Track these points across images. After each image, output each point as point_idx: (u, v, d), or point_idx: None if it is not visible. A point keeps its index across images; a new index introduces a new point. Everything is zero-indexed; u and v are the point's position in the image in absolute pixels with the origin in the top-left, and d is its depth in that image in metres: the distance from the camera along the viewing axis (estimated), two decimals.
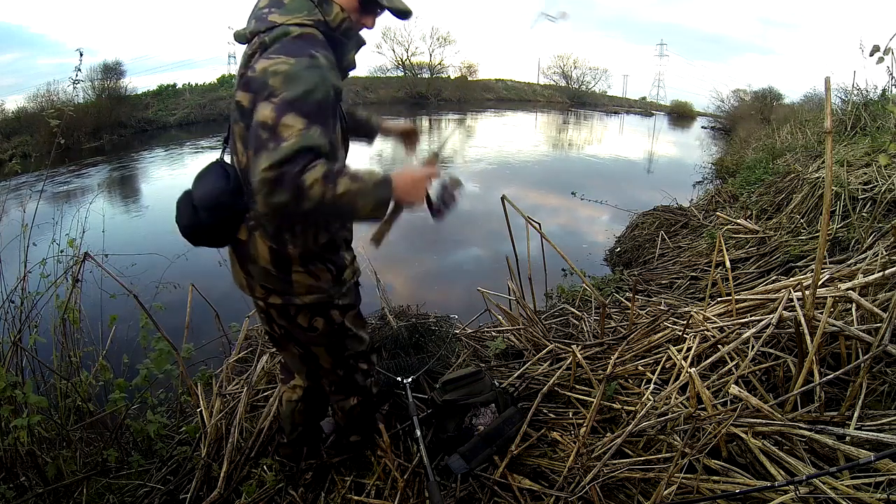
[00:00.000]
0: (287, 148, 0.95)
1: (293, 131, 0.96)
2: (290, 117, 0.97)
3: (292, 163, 0.95)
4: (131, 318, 2.02)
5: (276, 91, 0.99)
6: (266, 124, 0.98)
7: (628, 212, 5.51)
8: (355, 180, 1.01)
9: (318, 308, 1.27)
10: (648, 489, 1.33)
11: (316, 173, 0.96)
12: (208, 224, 1.16)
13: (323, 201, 0.97)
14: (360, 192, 1.02)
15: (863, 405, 1.35)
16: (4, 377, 1.51)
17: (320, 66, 1.04)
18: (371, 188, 1.04)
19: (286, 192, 0.95)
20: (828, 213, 1.40)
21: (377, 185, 1.05)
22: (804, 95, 12.14)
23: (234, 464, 1.61)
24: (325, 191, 0.97)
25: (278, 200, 0.96)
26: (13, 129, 12.58)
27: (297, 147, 0.95)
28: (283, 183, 0.95)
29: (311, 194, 0.96)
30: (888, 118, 4.79)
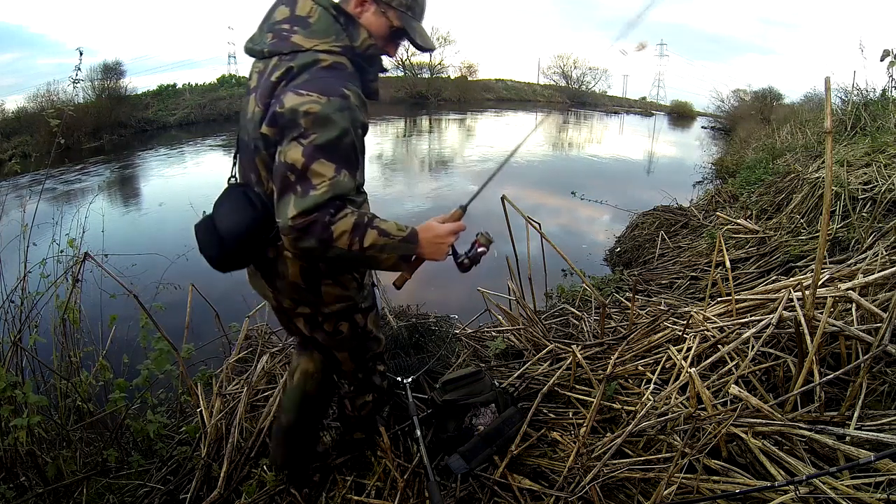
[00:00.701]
0: (317, 197, 0.95)
1: (324, 180, 0.96)
2: (320, 164, 0.96)
3: (321, 211, 0.96)
4: (131, 318, 2.02)
5: (306, 133, 0.97)
6: (295, 168, 0.96)
7: (628, 212, 5.51)
8: (382, 235, 1.03)
9: (344, 314, 1.29)
10: (648, 489, 1.33)
11: (345, 224, 0.98)
12: (240, 253, 1.15)
13: (349, 252, 1.00)
14: (386, 247, 1.04)
15: (863, 405, 1.35)
16: (4, 377, 1.51)
17: (352, 106, 1.01)
18: (396, 244, 1.06)
19: (314, 240, 0.97)
20: (828, 213, 1.40)
21: (403, 241, 1.07)
22: (804, 95, 12.14)
23: (234, 464, 1.61)
24: (352, 243, 0.99)
25: (305, 246, 0.98)
26: (13, 129, 12.57)
27: (328, 197, 0.96)
28: (312, 232, 0.96)
29: (338, 244, 0.98)
30: (888, 118, 4.79)
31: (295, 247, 0.98)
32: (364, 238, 1.00)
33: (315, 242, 0.97)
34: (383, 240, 1.03)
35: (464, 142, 14.56)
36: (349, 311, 1.30)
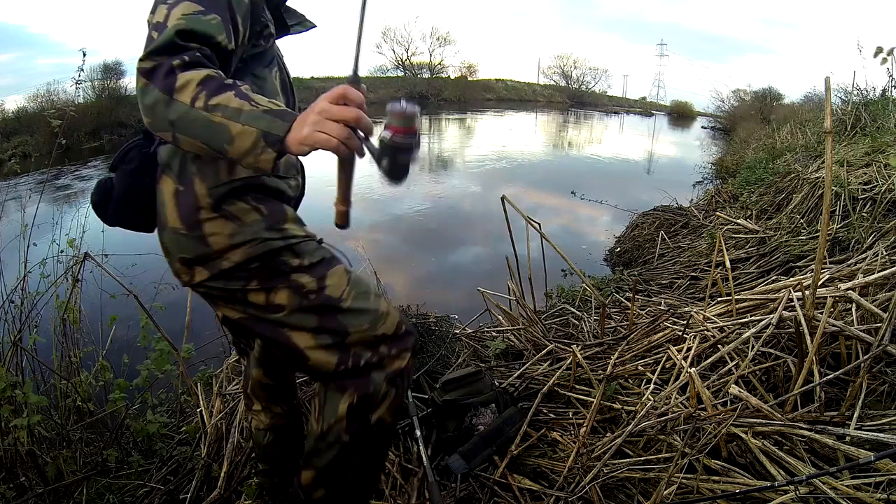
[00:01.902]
0: (169, 31, 0.77)
1: (178, 17, 0.79)
2: (181, 6, 0.80)
3: (170, 51, 0.76)
4: (131, 318, 2.02)
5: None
6: (158, 24, 0.80)
7: (628, 212, 5.51)
8: (241, 97, 0.74)
9: (270, 271, 0.93)
10: (648, 489, 1.33)
11: (195, 74, 0.75)
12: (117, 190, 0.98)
13: (191, 110, 0.73)
14: (243, 114, 0.73)
15: (863, 405, 1.35)
16: (4, 377, 1.51)
17: None
18: (258, 113, 0.73)
19: (156, 89, 0.74)
20: (828, 213, 1.40)
21: (269, 112, 0.74)
22: (804, 95, 12.17)
23: (234, 464, 1.60)
24: (196, 96, 0.73)
25: (148, 101, 0.76)
26: (13, 129, 12.58)
27: (180, 28, 0.77)
28: (156, 76, 0.75)
29: (179, 98, 0.74)
30: (888, 118, 4.79)
31: (142, 107, 0.77)
32: (214, 94, 0.73)
33: (156, 93, 0.74)
34: (239, 102, 0.73)
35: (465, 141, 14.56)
36: (276, 267, 0.94)
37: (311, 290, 0.94)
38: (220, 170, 0.92)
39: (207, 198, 0.92)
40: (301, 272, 0.95)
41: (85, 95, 13.68)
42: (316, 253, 0.98)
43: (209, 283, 0.95)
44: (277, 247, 0.94)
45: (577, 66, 32.87)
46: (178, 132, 0.77)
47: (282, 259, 0.94)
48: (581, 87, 33.04)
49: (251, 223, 0.93)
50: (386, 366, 0.97)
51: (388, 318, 0.98)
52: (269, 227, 0.94)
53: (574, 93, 32.12)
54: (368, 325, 0.96)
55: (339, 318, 0.95)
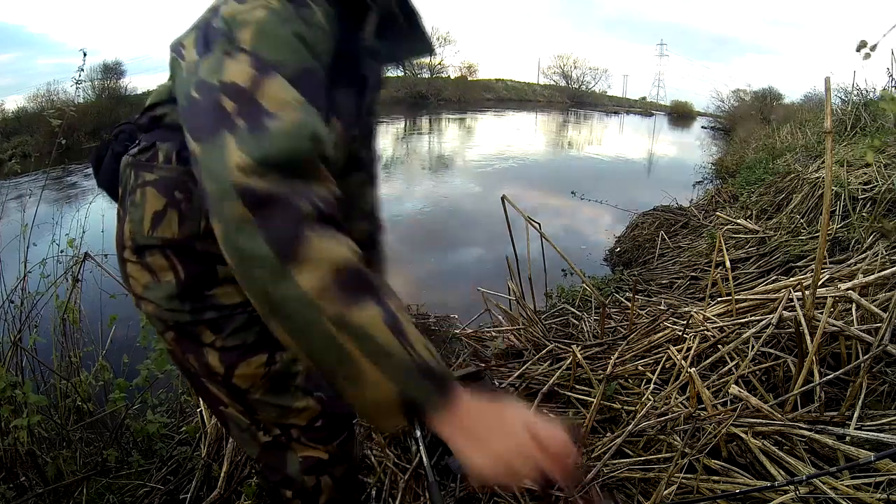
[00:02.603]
0: (290, 130, 0.54)
1: (287, 106, 0.56)
2: (275, 82, 0.57)
3: (289, 171, 0.53)
4: (131, 318, 2.01)
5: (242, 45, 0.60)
6: (234, 87, 0.57)
7: (628, 212, 5.51)
8: (394, 330, 0.51)
9: (182, 334, 0.81)
10: (648, 489, 1.33)
11: (331, 250, 0.51)
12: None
13: (310, 307, 0.50)
14: (389, 359, 0.51)
15: (863, 405, 1.35)
16: (4, 377, 1.51)
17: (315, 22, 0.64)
18: (411, 367, 0.52)
19: (262, 240, 0.50)
20: (828, 213, 1.40)
21: (425, 374, 0.52)
22: (804, 95, 12.18)
23: (234, 464, 1.60)
24: (324, 291, 0.50)
25: (244, 245, 0.51)
26: (13, 129, 12.59)
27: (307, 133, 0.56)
28: (269, 215, 0.51)
29: (300, 274, 0.50)
30: (888, 118, 4.79)
31: (227, 239, 0.52)
32: (353, 302, 0.50)
33: (264, 245, 0.50)
34: (388, 338, 0.51)
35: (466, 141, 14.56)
36: (184, 331, 0.80)
37: (217, 373, 0.81)
38: (144, 219, 0.77)
39: (129, 240, 0.79)
40: (212, 350, 0.80)
41: (85, 95, 13.70)
42: (238, 333, 0.80)
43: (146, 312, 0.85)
44: (184, 321, 0.79)
45: (577, 66, 32.91)
46: (276, 315, 0.52)
47: (194, 330, 0.80)
48: (581, 87, 33.05)
49: (164, 284, 0.78)
50: (296, 449, 0.88)
51: (303, 413, 0.86)
52: (183, 295, 0.78)
53: (574, 93, 32.13)
54: (276, 416, 0.86)
55: (247, 398, 0.84)
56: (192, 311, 0.79)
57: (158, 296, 0.79)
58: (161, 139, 0.79)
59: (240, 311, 0.81)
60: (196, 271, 0.78)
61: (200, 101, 0.59)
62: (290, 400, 0.85)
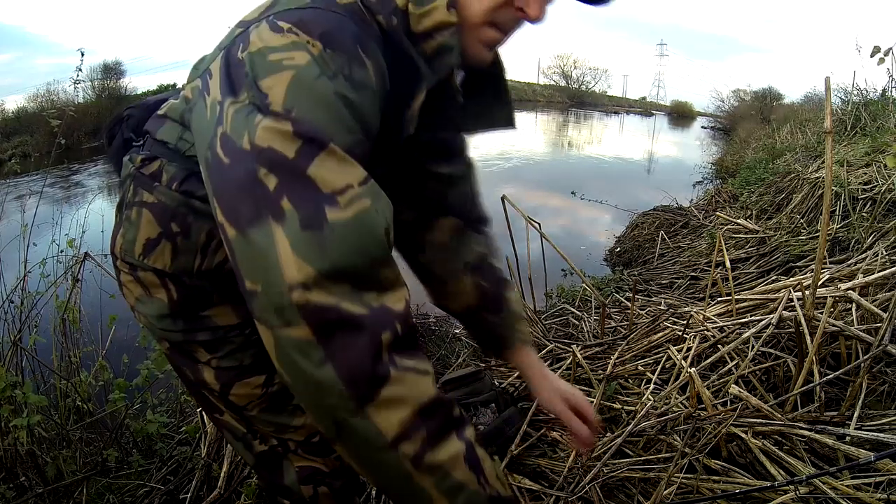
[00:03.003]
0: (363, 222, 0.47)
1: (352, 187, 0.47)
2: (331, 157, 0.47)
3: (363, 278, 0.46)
4: (131, 318, 2.00)
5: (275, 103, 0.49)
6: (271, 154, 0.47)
7: (628, 212, 5.51)
8: (471, 466, 0.49)
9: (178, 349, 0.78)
10: (648, 489, 1.33)
11: (413, 385, 0.46)
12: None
13: (387, 449, 0.46)
14: (462, 494, 0.49)
15: (863, 405, 1.35)
16: (4, 377, 1.51)
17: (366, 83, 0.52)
18: (483, 500, 0.50)
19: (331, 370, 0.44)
20: (828, 213, 1.40)
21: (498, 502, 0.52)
22: (804, 95, 12.18)
23: (234, 464, 1.60)
24: (404, 438, 0.46)
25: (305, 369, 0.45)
26: (13, 129, 12.59)
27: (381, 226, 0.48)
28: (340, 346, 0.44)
29: (377, 417, 0.45)
30: (888, 118, 4.79)
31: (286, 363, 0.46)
32: (438, 446, 0.47)
33: (334, 376, 0.44)
34: (468, 476, 0.49)
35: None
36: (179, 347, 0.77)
37: (214, 390, 0.78)
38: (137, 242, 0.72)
39: (121, 255, 0.75)
40: (208, 367, 0.77)
41: (85, 95, 13.72)
42: (235, 355, 0.76)
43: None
44: (177, 340, 0.76)
45: (577, 66, 32.93)
46: (345, 444, 0.48)
47: (188, 348, 0.77)
48: (581, 87, 33.06)
49: (156, 301, 0.74)
50: (293, 459, 0.85)
51: (300, 430, 0.84)
52: (175, 314, 0.74)
53: (574, 93, 32.13)
54: (273, 430, 0.83)
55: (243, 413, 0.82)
56: (185, 331, 0.75)
57: (149, 311, 0.75)
58: (168, 158, 0.72)
59: (236, 332, 0.76)
60: (190, 294, 0.74)
61: (231, 169, 0.48)
62: (288, 418, 0.82)
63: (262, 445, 0.85)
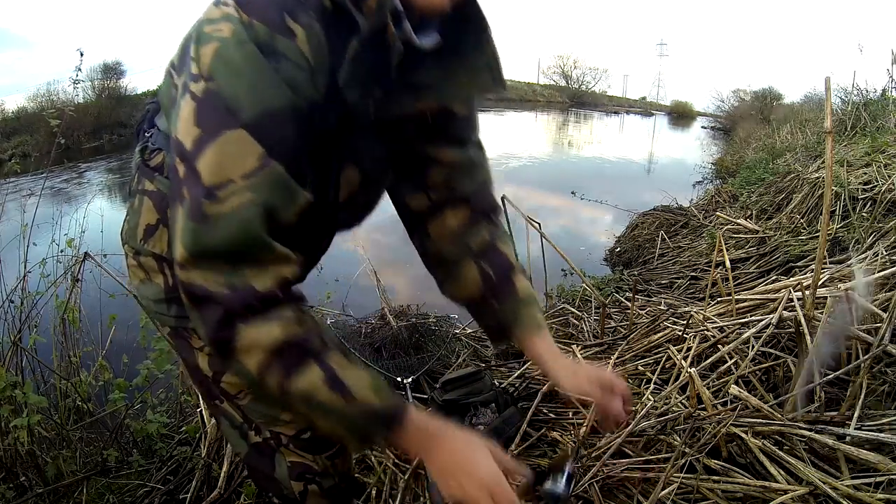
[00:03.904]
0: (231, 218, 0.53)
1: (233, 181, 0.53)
2: (225, 141, 0.53)
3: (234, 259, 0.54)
4: (131, 318, 2.02)
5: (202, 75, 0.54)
6: (182, 145, 0.54)
7: (628, 212, 5.51)
8: (335, 387, 0.57)
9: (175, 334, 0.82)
10: (648, 489, 1.33)
11: (264, 333, 0.54)
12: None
13: (258, 385, 0.57)
14: (332, 412, 0.58)
15: (863, 405, 1.35)
16: (4, 377, 1.51)
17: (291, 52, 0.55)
18: (352, 415, 0.59)
19: (205, 334, 0.57)
20: (828, 213, 1.40)
21: (368, 418, 0.60)
22: (804, 95, 12.16)
23: (234, 464, 1.60)
24: (264, 371, 0.56)
25: (199, 333, 0.62)
26: (13, 128, 12.58)
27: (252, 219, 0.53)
28: (203, 315, 0.55)
29: (242, 362, 0.56)
30: (888, 118, 4.79)
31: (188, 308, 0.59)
32: (294, 375, 0.56)
33: (206, 338, 0.58)
34: (330, 395, 0.57)
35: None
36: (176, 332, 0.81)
37: (206, 377, 0.82)
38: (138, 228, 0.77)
39: (127, 240, 0.81)
40: (201, 353, 0.80)
41: (85, 95, 13.70)
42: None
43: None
44: (171, 325, 0.81)
45: (577, 66, 32.90)
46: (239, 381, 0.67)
47: (184, 332, 0.80)
48: (581, 87, 33.04)
49: (154, 285, 0.78)
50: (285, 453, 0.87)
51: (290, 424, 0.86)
52: (170, 299, 0.77)
53: (574, 93, 32.11)
54: (264, 422, 0.85)
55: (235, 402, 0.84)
56: (178, 317, 0.79)
57: (148, 294, 0.80)
58: (167, 148, 0.74)
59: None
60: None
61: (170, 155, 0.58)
62: (277, 410, 0.84)
63: (257, 436, 0.87)
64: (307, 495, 0.89)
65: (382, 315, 2.52)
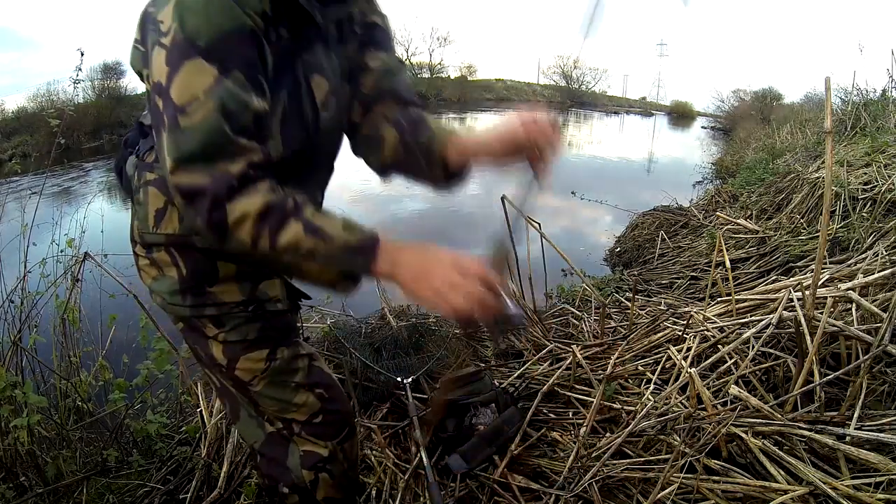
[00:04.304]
0: (195, 129, 0.63)
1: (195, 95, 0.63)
2: (191, 68, 0.64)
3: (210, 156, 0.64)
4: (131, 318, 2.02)
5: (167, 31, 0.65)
6: (160, 84, 0.65)
7: (628, 212, 5.51)
8: (312, 233, 0.67)
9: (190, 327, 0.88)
10: (648, 489, 1.33)
11: (249, 205, 0.64)
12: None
13: (255, 249, 0.67)
14: (318, 254, 0.68)
15: (863, 405, 1.34)
16: (4, 377, 1.51)
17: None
18: (336, 252, 0.68)
19: (201, 222, 0.66)
20: (828, 213, 1.40)
21: (349, 251, 0.68)
22: (804, 95, 12.16)
23: (234, 464, 1.60)
24: (257, 236, 0.66)
25: (195, 226, 0.68)
26: (13, 128, 12.58)
27: (214, 121, 0.63)
28: (197, 207, 0.65)
29: (238, 235, 0.66)
30: (888, 118, 4.79)
31: (191, 223, 0.70)
32: (280, 232, 0.66)
33: (203, 225, 0.66)
34: (312, 241, 0.67)
35: None
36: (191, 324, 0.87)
37: (221, 365, 0.88)
38: (148, 216, 0.83)
39: (139, 237, 0.85)
40: (216, 342, 0.87)
41: (85, 95, 13.70)
42: (240, 328, 0.86)
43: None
44: (186, 315, 0.86)
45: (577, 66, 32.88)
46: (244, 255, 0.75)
47: (199, 323, 0.86)
48: (581, 87, 33.04)
49: (168, 278, 0.84)
50: (298, 443, 0.93)
51: (302, 408, 0.92)
52: (185, 290, 0.84)
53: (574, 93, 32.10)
54: (277, 409, 0.92)
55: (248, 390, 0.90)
56: (193, 307, 0.85)
57: (163, 289, 0.85)
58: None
59: (240, 308, 0.86)
60: (197, 268, 0.84)
61: (149, 103, 0.69)
62: (291, 395, 0.91)
63: (271, 427, 0.94)
64: (318, 483, 0.94)
65: (382, 315, 2.51)
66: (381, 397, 1.85)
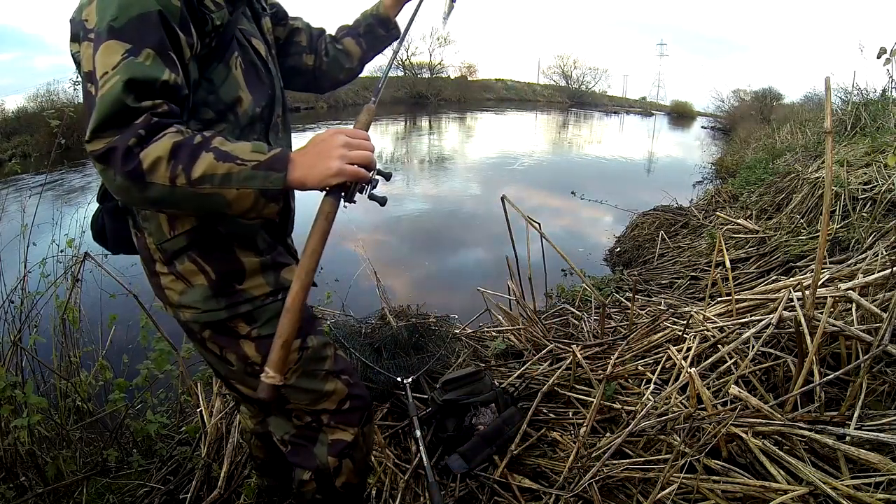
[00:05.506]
0: (106, 98, 0.67)
1: (106, 70, 0.68)
2: (105, 50, 0.69)
3: (117, 122, 0.67)
4: (131, 318, 2.02)
5: (91, 25, 0.71)
6: (89, 74, 0.70)
7: (628, 212, 5.51)
8: (223, 158, 0.69)
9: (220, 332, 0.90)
10: (648, 489, 1.33)
11: (158, 148, 0.67)
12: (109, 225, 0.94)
13: (176, 190, 0.68)
14: (233, 177, 0.70)
15: (863, 405, 1.34)
16: (4, 377, 1.51)
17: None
18: (249, 171, 0.71)
19: (119, 177, 0.67)
20: (828, 213, 1.40)
21: (261, 167, 0.72)
22: (804, 95, 12.17)
23: (234, 464, 1.60)
24: (174, 174, 0.67)
25: (116, 187, 0.69)
26: (13, 129, 12.57)
27: (118, 91, 0.67)
28: (112, 162, 0.67)
29: (154, 179, 0.67)
30: (888, 118, 4.79)
31: (110, 187, 0.71)
32: (193, 165, 0.68)
33: (122, 179, 0.67)
34: (223, 167, 0.69)
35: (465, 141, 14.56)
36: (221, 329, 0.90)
37: (255, 363, 0.90)
38: (161, 224, 0.85)
39: (157, 252, 0.87)
40: (248, 340, 0.90)
41: None
42: (272, 322, 0.87)
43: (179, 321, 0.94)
44: (220, 318, 0.88)
45: (577, 66, 32.93)
46: (165, 207, 0.77)
47: (231, 325, 0.90)
48: (581, 87, 33.06)
49: (198, 287, 0.87)
50: (327, 432, 1.00)
51: (333, 396, 0.98)
52: (217, 293, 0.87)
53: (574, 93, 32.13)
54: (308, 402, 0.97)
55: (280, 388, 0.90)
56: (228, 307, 0.88)
57: (195, 299, 0.87)
58: None
59: (271, 300, 0.91)
60: (224, 269, 0.87)
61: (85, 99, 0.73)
62: (321, 384, 0.97)
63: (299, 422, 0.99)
64: (341, 469, 1.01)
65: (382, 315, 2.51)
66: (381, 397, 1.85)
